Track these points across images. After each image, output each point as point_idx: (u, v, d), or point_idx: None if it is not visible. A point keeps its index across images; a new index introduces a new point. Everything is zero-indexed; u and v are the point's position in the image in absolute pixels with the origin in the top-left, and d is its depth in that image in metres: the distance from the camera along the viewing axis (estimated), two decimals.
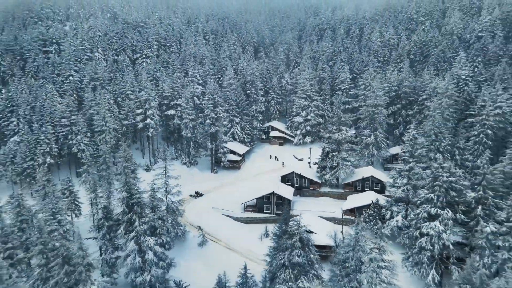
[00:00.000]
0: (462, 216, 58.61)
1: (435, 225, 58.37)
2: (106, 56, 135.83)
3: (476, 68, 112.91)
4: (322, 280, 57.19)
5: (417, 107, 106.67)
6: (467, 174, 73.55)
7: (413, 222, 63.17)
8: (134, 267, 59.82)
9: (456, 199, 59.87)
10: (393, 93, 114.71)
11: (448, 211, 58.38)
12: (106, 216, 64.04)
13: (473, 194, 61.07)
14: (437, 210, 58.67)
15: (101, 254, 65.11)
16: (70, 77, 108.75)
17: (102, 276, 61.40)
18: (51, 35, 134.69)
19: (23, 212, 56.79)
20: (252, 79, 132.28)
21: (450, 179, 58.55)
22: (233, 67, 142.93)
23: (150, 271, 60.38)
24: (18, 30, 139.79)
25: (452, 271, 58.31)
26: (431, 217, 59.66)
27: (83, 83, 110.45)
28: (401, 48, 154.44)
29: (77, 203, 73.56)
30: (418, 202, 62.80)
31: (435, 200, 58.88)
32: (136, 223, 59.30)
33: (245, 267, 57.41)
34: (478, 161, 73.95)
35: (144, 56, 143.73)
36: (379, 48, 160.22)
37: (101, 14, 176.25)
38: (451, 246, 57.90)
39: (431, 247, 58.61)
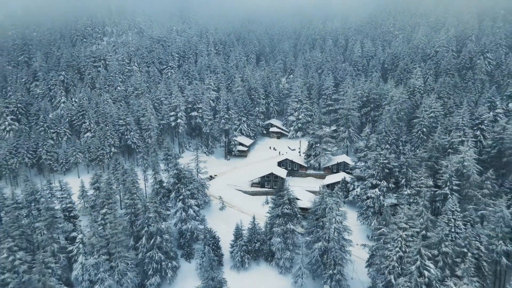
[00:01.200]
0: (393, 185, 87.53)
1: (375, 191, 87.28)
2: (140, 68, 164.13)
3: (428, 79, 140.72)
4: (302, 225, 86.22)
5: (381, 110, 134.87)
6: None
7: (363, 190, 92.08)
8: (181, 219, 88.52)
9: (389, 174, 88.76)
10: (365, 98, 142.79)
11: (384, 182, 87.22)
12: (160, 186, 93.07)
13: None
14: (377, 182, 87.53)
15: None
16: (118, 87, 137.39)
17: None
18: (100, 53, 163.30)
19: (110, 182, 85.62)
20: (255, 86, 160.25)
21: (385, 161, 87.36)
22: (240, 75, 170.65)
23: (190, 222, 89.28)
24: (69, 48, 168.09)
25: None
26: (373, 186, 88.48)
27: (127, 91, 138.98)
28: (377, 59, 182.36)
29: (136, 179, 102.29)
30: (366, 176, 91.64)
31: (375, 175, 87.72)
32: (183, 190, 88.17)
33: (254, 218, 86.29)
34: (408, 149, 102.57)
35: (169, 67, 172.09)
36: (359, 58, 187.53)
37: (129, 30, 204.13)
38: (385, 205, 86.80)
39: (373, 205, 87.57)
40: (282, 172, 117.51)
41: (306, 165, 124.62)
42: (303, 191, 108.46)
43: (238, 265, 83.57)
